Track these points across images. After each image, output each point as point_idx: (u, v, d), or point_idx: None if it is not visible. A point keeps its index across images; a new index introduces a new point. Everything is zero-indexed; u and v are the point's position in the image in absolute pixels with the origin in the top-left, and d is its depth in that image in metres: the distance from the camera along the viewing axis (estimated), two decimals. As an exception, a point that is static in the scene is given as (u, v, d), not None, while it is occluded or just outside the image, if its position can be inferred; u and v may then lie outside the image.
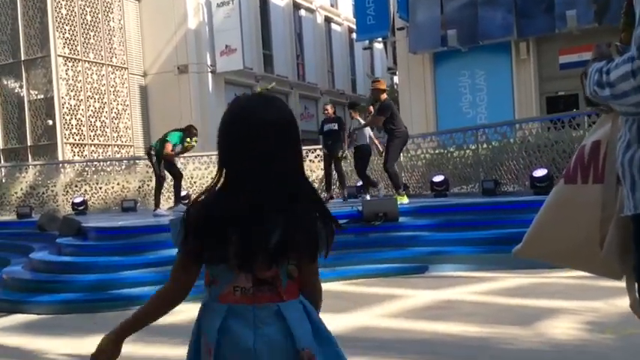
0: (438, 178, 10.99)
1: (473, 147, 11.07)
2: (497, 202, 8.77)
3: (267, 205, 1.44)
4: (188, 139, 10.56)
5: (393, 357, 3.82)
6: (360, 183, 13.02)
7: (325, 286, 5.60)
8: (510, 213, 7.90)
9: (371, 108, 10.54)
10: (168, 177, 11.14)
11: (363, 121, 10.95)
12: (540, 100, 15.86)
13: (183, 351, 1.59)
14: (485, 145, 10.90)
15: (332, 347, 1.52)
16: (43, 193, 13.87)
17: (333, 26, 29.60)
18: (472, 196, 10.29)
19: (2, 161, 17.76)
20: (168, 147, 10.31)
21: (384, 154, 9.60)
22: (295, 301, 1.50)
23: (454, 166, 11.46)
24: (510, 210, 8.05)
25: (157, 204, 10.76)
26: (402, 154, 12.49)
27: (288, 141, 1.51)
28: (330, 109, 11.34)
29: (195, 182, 13.91)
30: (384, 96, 9.25)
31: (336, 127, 10.84)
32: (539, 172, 9.21)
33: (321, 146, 12.00)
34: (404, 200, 9.15)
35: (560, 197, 1.64)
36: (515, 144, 10.52)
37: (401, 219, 8.07)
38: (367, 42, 26.53)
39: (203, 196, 1.52)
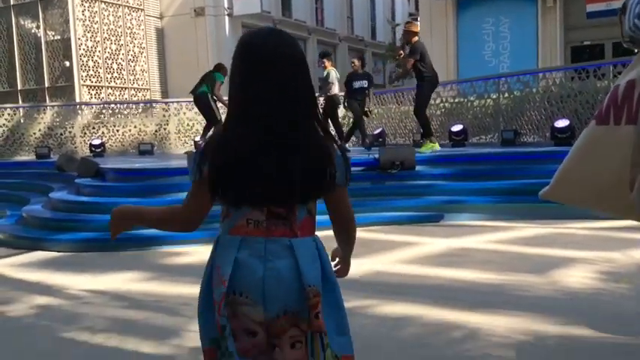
0: (457, 128, 10.85)
1: (494, 96, 10.86)
2: (516, 152, 8.66)
3: (279, 130, 1.43)
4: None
5: (406, 301, 3.85)
6: (377, 131, 12.94)
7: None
8: (529, 163, 7.81)
9: (401, 51, 10.20)
10: None
11: (335, 71, 10.70)
12: (565, 49, 15.42)
13: (196, 289, 1.59)
14: (506, 95, 10.70)
15: (334, 293, 1.52)
16: (61, 134, 13.97)
17: (354, -30, 28.80)
18: (491, 147, 10.17)
19: (20, 102, 17.82)
20: (219, 86, 10.18)
21: (415, 99, 9.43)
22: (309, 238, 1.50)
23: (474, 115, 11.29)
24: (529, 160, 7.95)
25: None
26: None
27: (302, 72, 1.50)
28: (357, 62, 10.85)
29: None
30: (416, 38, 9.03)
31: (365, 85, 10.48)
32: (561, 123, 9.04)
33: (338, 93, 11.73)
34: (436, 147, 9.08)
35: (590, 139, 1.58)
36: (538, 94, 10.30)
37: (418, 167, 8.02)
38: (388, -14, 25.81)
39: (217, 132, 1.55)
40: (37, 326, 3.75)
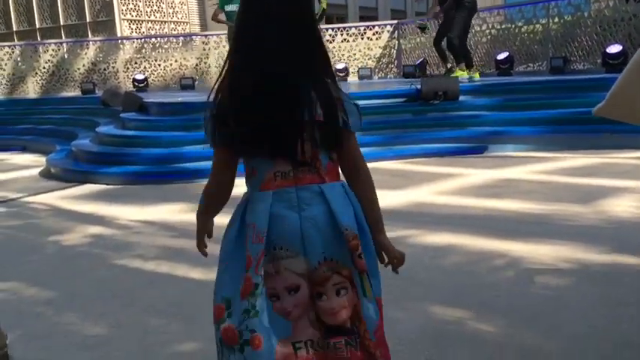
0: (503, 56, 10.48)
1: (543, 21, 10.38)
2: (564, 79, 8.35)
3: (282, 77, 1.40)
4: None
5: (448, 230, 3.86)
6: (418, 61, 12.63)
7: (381, 164, 5.65)
8: (578, 91, 7.52)
9: None
10: None
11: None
12: (621, -30, 14.50)
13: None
14: (556, 19, 10.21)
15: (365, 237, 1.49)
16: (105, 69, 14.13)
17: None
18: (538, 75, 9.83)
19: (63, 37, 18.00)
20: (215, 12, 9.80)
21: (452, 25, 9.05)
22: (337, 183, 1.49)
23: (521, 42, 10.85)
24: (578, 88, 7.65)
25: None
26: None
27: (304, 15, 1.46)
28: None
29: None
30: None
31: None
32: (614, 49, 8.62)
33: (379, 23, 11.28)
34: (476, 77, 8.87)
35: None
36: (590, 18, 9.80)
37: (461, 97, 7.84)
38: None
39: (222, 82, 1.48)
40: (91, 254, 3.93)
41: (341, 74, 12.57)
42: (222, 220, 1.63)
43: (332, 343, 1.46)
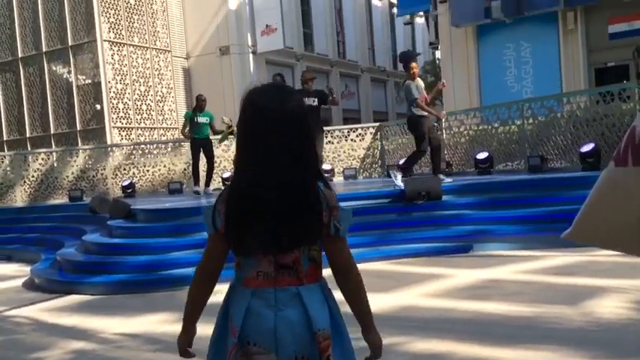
0: (482, 155, 10.80)
1: (518, 122, 10.80)
2: (543, 178, 8.58)
3: (278, 191, 1.49)
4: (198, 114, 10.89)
5: (435, 336, 3.83)
6: (401, 161, 12.94)
7: (367, 266, 5.66)
8: (558, 190, 7.72)
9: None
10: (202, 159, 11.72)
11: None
12: (589, 71, 15.31)
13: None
14: (531, 120, 10.63)
15: (342, 336, 1.59)
16: (93, 176, 14.28)
17: (374, 1, 29.17)
18: (518, 174, 10.10)
19: (53, 146, 18.32)
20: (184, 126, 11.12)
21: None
22: (315, 284, 1.57)
23: (499, 142, 11.23)
24: (558, 187, 7.86)
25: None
26: (444, 131, 12.33)
27: (300, 135, 1.54)
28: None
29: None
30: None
31: (315, 103, 9.47)
32: (588, 147, 8.95)
33: (362, 125, 11.68)
34: None
35: (610, 180, 1.59)
36: (563, 118, 10.22)
37: (444, 197, 8.00)
38: (408, 17, 26.09)
39: (227, 189, 1.61)
40: (73, 371, 3.83)
41: (327, 175, 12.84)
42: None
43: None
